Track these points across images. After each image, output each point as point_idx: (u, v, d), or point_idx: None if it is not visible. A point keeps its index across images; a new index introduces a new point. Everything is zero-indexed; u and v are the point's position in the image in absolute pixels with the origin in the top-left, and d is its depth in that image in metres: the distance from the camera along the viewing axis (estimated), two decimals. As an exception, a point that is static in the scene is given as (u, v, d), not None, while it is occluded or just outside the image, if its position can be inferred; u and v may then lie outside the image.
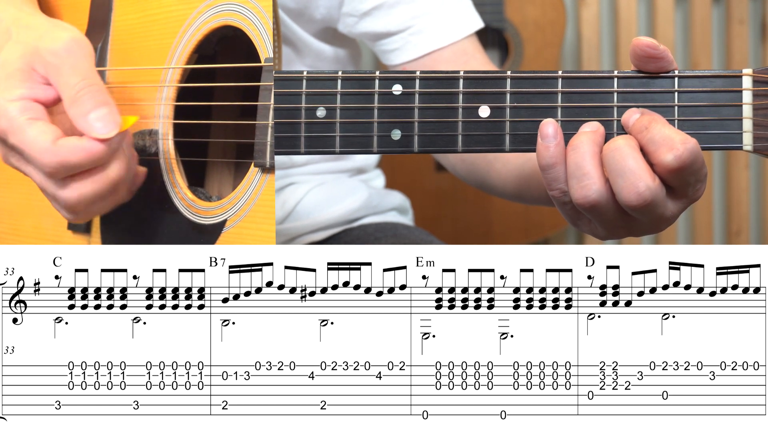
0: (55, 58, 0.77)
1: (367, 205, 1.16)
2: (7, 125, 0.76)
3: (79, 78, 0.77)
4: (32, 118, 0.76)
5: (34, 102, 0.77)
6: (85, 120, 0.75)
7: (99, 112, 0.76)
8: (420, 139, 0.75)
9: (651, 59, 0.72)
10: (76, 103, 0.76)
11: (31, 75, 0.78)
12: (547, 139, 0.73)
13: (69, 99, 0.76)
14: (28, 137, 0.75)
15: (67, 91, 0.77)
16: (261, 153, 0.78)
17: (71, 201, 0.77)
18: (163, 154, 0.87)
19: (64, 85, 0.77)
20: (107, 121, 0.76)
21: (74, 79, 0.77)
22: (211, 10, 0.85)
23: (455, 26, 1.06)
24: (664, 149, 0.70)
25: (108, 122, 0.76)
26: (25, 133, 0.75)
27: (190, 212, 0.84)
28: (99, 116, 0.76)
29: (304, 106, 0.76)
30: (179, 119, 0.87)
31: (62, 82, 0.77)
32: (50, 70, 0.78)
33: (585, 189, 0.71)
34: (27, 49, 0.78)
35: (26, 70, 0.78)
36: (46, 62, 0.78)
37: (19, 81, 0.77)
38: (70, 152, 0.75)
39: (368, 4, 1.06)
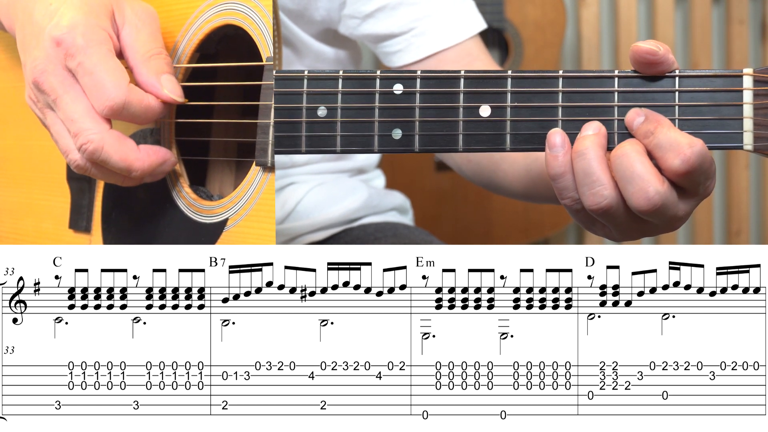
0: (138, 19, 0.81)
1: (367, 205, 1.16)
2: (84, 44, 0.77)
3: (158, 44, 0.81)
4: (111, 50, 0.79)
5: (111, 40, 0.80)
6: (157, 79, 0.79)
7: (170, 76, 0.80)
8: (421, 139, 0.75)
9: (651, 65, 0.72)
10: (151, 61, 0.80)
11: (111, 18, 0.81)
12: (555, 148, 0.72)
13: (144, 56, 0.80)
14: (107, 66, 0.77)
15: (143, 50, 0.80)
16: (262, 152, 0.78)
17: (95, 146, 0.78)
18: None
19: (140, 44, 0.80)
20: (176, 86, 0.80)
21: (152, 44, 0.81)
22: (213, 9, 0.85)
23: (458, 28, 1.05)
24: (671, 154, 0.70)
25: (176, 87, 0.80)
26: (105, 61, 0.77)
27: (191, 211, 0.84)
28: (170, 79, 0.80)
29: (305, 106, 0.76)
30: (181, 118, 0.87)
31: (140, 41, 0.80)
32: (128, 27, 0.81)
33: (596, 196, 0.71)
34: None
35: (110, 11, 0.81)
36: (126, 17, 0.81)
37: (104, 16, 0.80)
38: (137, 98, 0.78)
39: (371, 6, 1.06)
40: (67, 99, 0.78)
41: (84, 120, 0.77)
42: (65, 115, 0.78)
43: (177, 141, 0.87)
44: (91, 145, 0.77)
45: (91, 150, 0.77)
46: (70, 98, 0.78)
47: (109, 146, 0.77)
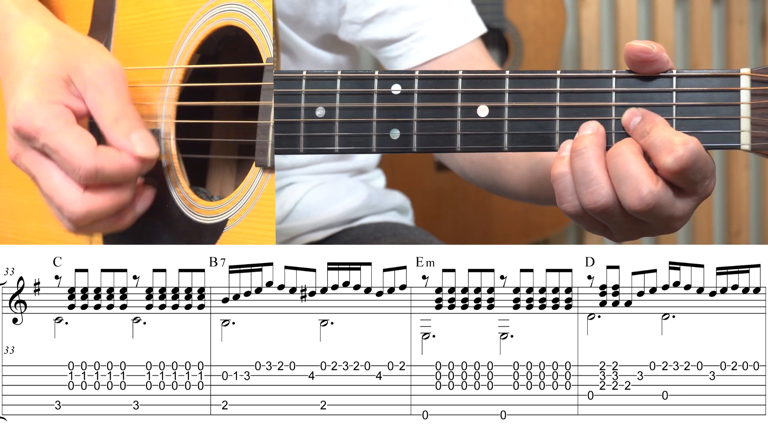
0: (100, 79, 0.80)
1: (366, 204, 1.16)
2: (42, 125, 0.78)
3: (123, 104, 0.81)
4: (69, 121, 0.79)
5: (69, 109, 0.80)
6: (128, 139, 0.79)
7: (141, 133, 0.80)
8: (419, 139, 0.75)
9: (644, 63, 0.72)
10: (119, 123, 0.80)
11: (69, 86, 0.81)
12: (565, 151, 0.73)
13: (112, 119, 0.80)
14: (68, 139, 0.78)
15: (109, 112, 0.80)
16: (262, 152, 0.78)
17: (78, 214, 0.79)
18: (165, 153, 0.87)
19: (106, 107, 0.80)
20: (149, 143, 0.80)
21: (117, 105, 0.80)
22: (214, 10, 0.85)
23: (459, 31, 1.05)
24: (664, 153, 0.70)
25: (149, 144, 0.80)
26: (64, 135, 0.78)
27: (191, 211, 0.85)
28: (141, 137, 0.80)
29: (303, 106, 0.76)
30: (181, 119, 0.87)
31: (105, 104, 0.80)
32: (90, 89, 0.80)
33: (594, 195, 0.71)
34: (68, 62, 0.81)
35: (65, 80, 0.81)
36: (87, 80, 0.80)
37: (58, 87, 0.80)
38: (109, 161, 0.78)
39: (371, 12, 1.05)
40: (42, 176, 0.80)
41: (60, 194, 0.79)
42: (44, 192, 0.80)
43: (177, 141, 0.87)
44: (77, 214, 0.79)
45: (80, 218, 0.79)
46: (43, 175, 0.80)
47: (94, 204, 0.79)
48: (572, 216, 0.74)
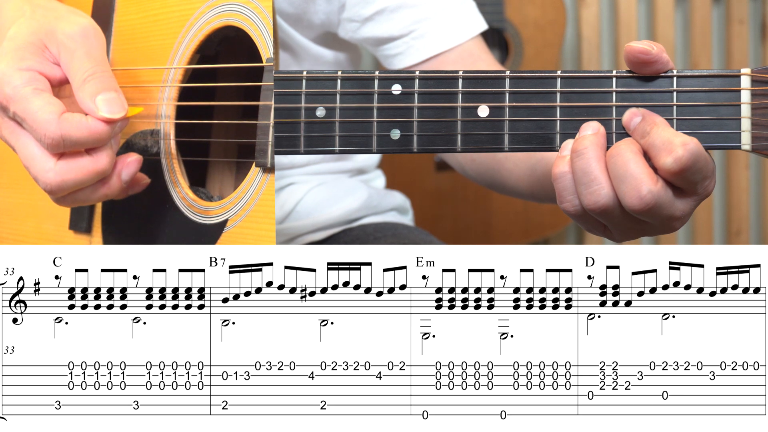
0: (71, 41, 0.79)
1: (367, 205, 1.16)
2: (11, 93, 0.78)
3: (93, 63, 0.79)
4: (38, 89, 0.78)
5: (41, 75, 0.79)
6: (92, 101, 0.78)
7: (107, 95, 0.78)
8: (419, 139, 0.75)
9: (645, 64, 0.72)
10: (85, 84, 0.78)
11: (42, 51, 0.80)
12: (566, 150, 0.73)
13: (79, 80, 0.78)
14: (33, 106, 0.77)
15: (78, 73, 0.79)
16: (262, 153, 0.78)
17: (52, 184, 0.78)
18: (165, 153, 0.87)
19: (76, 67, 0.79)
20: (114, 104, 0.78)
21: (87, 64, 0.79)
22: (213, 11, 0.85)
23: (459, 29, 1.05)
24: (664, 153, 0.70)
25: (114, 105, 0.78)
26: (30, 102, 0.77)
27: (191, 212, 0.85)
28: (106, 99, 0.78)
29: (303, 106, 0.76)
30: (181, 119, 0.87)
31: (75, 65, 0.79)
32: (63, 52, 0.79)
33: (594, 195, 0.71)
34: (41, 27, 0.80)
35: (38, 46, 0.80)
36: (59, 43, 0.80)
37: (30, 54, 0.79)
38: (74, 127, 0.76)
39: (370, 10, 1.05)
40: (18, 146, 0.79)
41: (35, 163, 0.78)
42: (23, 162, 0.80)
43: (177, 142, 0.87)
44: (51, 183, 0.78)
45: (55, 188, 0.78)
46: (20, 145, 0.79)
47: (67, 174, 0.78)
48: (572, 215, 0.74)
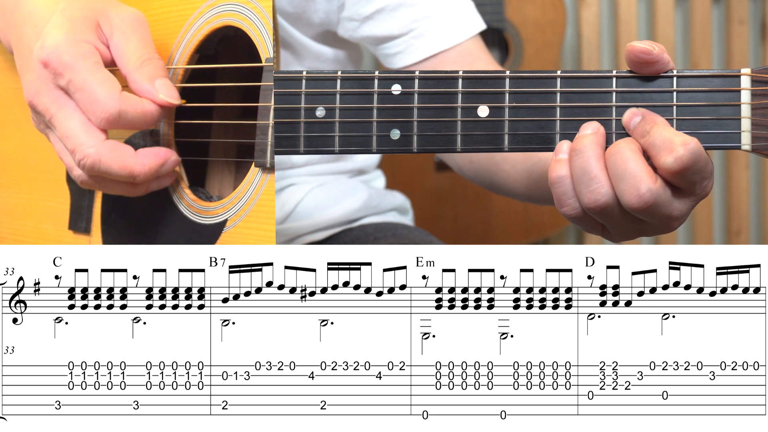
0: (126, 25, 0.81)
1: (367, 205, 1.16)
2: (71, 61, 0.77)
3: (149, 49, 0.81)
4: (98, 62, 0.79)
5: (98, 51, 0.80)
6: (152, 84, 0.79)
7: (165, 80, 0.80)
8: (419, 139, 0.75)
9: (645, 64, 0.72)
10: (143, 67, 0.79)
11: (96, 29, 0.80)
12: (561, 153, 0.73)
13: (136, 63, 0.80)
14: (95, 79, 0.77)
15: (135, 56, 0.80)
16: (262, 153, 0.78)
17: (89, 161, 0.78)
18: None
19: (131, 51, 0.80)
20: (171, 89, 0.80)
21: (142, 50, 0.80)
22: (213, 11, 0.85)
23: (458, 28, 1.05)
24: (664, 152, 0.70)
25: (172, 90, 0.80)
26: (92, 74, 0.77)
27: (190, 212, 0.85)
28: (165, 84, 0.80)
29: (303, 106, 0.76)
30: (180, 119, 0.87)
31: (130, 48, 0.80)
32: (116, 34, 0.80)
33: (594, 193, 0.71)
34: (95, 6, 0.81)
35: (93, 21, 0.80)
36: (114, 25, 0.80)
37: (87, 27, 0.80)
38: (132, 105, 0.77)
39: (370, 8, 1.05)
40: (61, 116, 0.78)
41: (78, 135, 0.77)
42: (61, 132, 0.79)
43: (176, 142, 0.87)
44: (89, 159, 0.77)
45: (89, 164, 0.77)
46: (63, 115, 0.78)
47: (106, 157, 0.77)
48: (572, 218, 0.74)
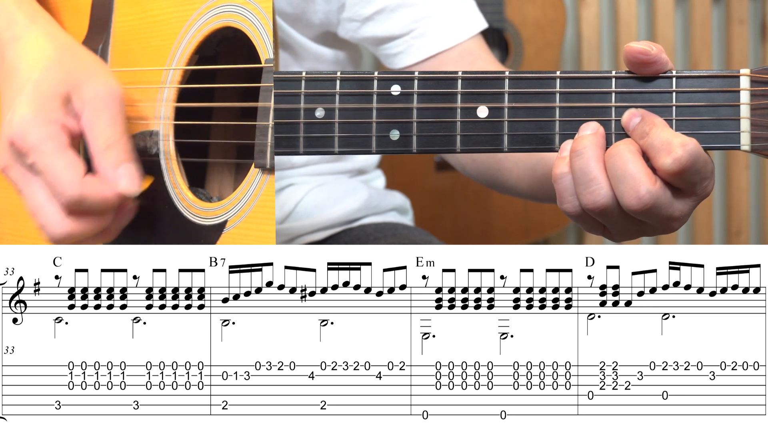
0: (98, 101, 0.80)
1: (367, 205, 1.16)
2: (36, 143, 0.78)
3: (117, 130, 0.80)
4: (63, 145, 0.79)
5: (64, 130, 0.80)
6: (114, 171, 0.79)
7: (127, 167, 0.79)
8: (418, 140, 0.75)
9: (644, 64, 0.72)
10: (108, 152, 0.79)
11: (68, 105, 0.80)
12: (565, 151, 0.73)
13: (102, 145, 0.80)
14: (58, 163, 0.78)
15: (101, 137, 0.80)
16: (261, 154, 0.78)
17: (57, 236, 0.79)
18: (164, 155, 0.87)
19: (99, 131, 0.80)
20: (132, 178, 0.79)
21: (111, 130, 0.80)
22: (212, 12, 0.85)
23: (459, 28, 1.05)
24: (663, 154, 0.70)
25: (133, 179, 0.79)
26: (54, 159, 0.78)
27: (190, 213, 0.85)
28: (126, 171, 0.79)
29: (302, 107, 0.76)
30: (180, 120, 0.87)
31: (99, 127, 0.80)
32: (87, 110, 0.80)
33: (593, 195, 0.71)
34: (70, 79, 0.80)
35: (65, 97, 0.80)
36: (85, 100, 0.80)
37: (58, 105, 0.80)
38: (93, 192, 0.78)
39: (370, 9, 1.05)
40: (27, 193, 0.80)
41: (44, 213, 0.79)
42: (28, 207, 0.80)
43: (176, 143, 0.87)
44: (56, 235, 0.79)
45: (58, 239, 0.79)
46: (29, 192, 0.80)
47: (75, 229, 0.79)
48: (572, 216, 0.74)
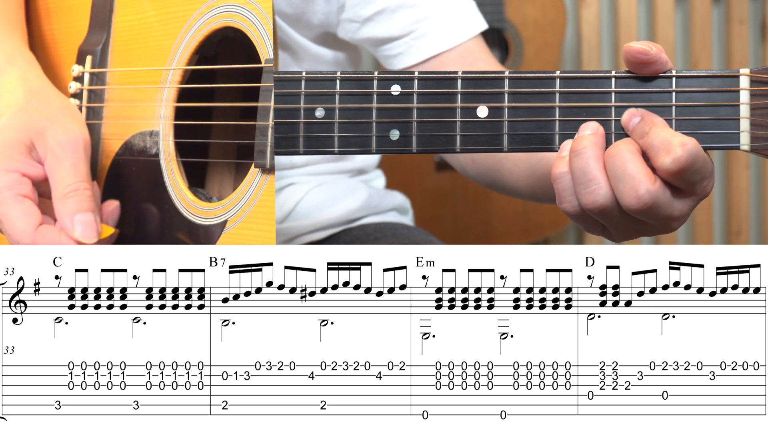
0: (60, 149, 0.81)
1: (367, 205, 1.15)
2: None
3: (77, 179, 0.81)
4: (20, 194, 0.80)
5: (25, 178, 0.81)
6: (70, 219, 0.80)
7: (84, 216, 0.80)
8: (418, 139, 0.75)
9: (643, 64, 0.72)
10: (66, 200, 0.80)
11: (30, 151, 0.81)
12: (565, 151, 0.73)
13: (60, 194, 0.80)
14: (12, 214, 0.79)
15: (61, 185, 0.80)
16: (261, 154, 0.78)
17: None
18: (164, 154, 0.87)
19: (60, 178, 0.81)
20: (89, 228, 0.80)
21: (71, 178, 0.81)
22: (212, 11, 0.85)
23: (459, 28, 1.05)
24: (662, 153, 0.70)
25: (89, 229, 0.80)
26: (10, 208, 0.79)
27: (190, 213, 0.85)
28: (83, 220, 0.80)
29: (302, 107, 0.76)
30: (180, 120, 0.87)
31: (60, 175, 0.81)
32: (50, 157, 0.81)
33: (592, 194, 0.71)
34: (33, 126, 0.81)
35: (27, 145, 0.81)
36: (48, 147, 0.81)
37: (18, 153, 0.81)
38: (48, 240, 0.79)
39: (370, 10, 1.05)
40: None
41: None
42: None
43: (176, 143, 0.87)
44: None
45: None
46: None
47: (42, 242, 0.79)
48: (572, 216, 0.74)
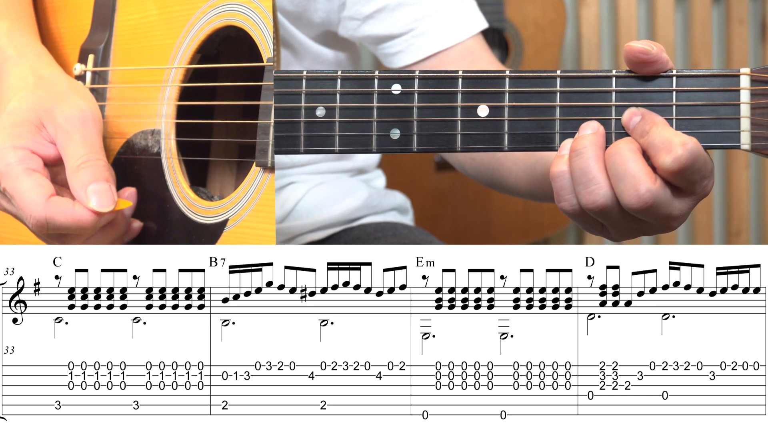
0: (69, 124, 0.80)
1: (367, 204, 1.16)
2: (4, 170, 0.79)
3: (88, 149, 0.80)
4: (30, 168, 0.79)
5: (35, 155, 0.80)
6: (84, 190, 0.79)
7: (99, 185, 0.79)
8: (419, 139, 0.75)
9: (644, 63, 0.73)
10: (78, 171, 0.79)
11: (39, 131, 0.81)
12: (564, 149, 0.73)
13: (73, 167, 0.80)
14: (23, 187, 0.78)
15: (72, 158, 0.80)
16: (263, 152, 0.78)
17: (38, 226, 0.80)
18: (166, 153, 0.87)
19: (71, 152, 0.80)
20: (103, 196, 0.79)
21: (82, 150, 0.80)
22: (214, 10, 0.85)
23: (459, 27, 1.05)
24: (663, 153, 0.70)
25: (104, 197, 0.79)
26: (20, 181, 0.78)
27: (191, 212, 0.85)
28: (97, 189, 0.79)
29: (303, 106, 0.76)
30: (181, 119, 0.87)
31: (70, 149, 0.80)
32: (60, 134, 0.81)
33: (592, 194, 0.71)
34: (41, 105, 0.81)
35: (36, 124, 0.81)
36: (57, 124, 0.81)
37: (26, 132, 0.80)
38: (59, 212, 0.78)
39: (371, 8, 1.05)
40: (17, 215, 0.81)
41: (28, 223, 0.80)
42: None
43: (177, 141, 0.87)
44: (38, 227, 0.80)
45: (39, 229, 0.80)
46: (17, 215, 0.81)
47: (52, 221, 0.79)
48: (570, 215, 0.74)
